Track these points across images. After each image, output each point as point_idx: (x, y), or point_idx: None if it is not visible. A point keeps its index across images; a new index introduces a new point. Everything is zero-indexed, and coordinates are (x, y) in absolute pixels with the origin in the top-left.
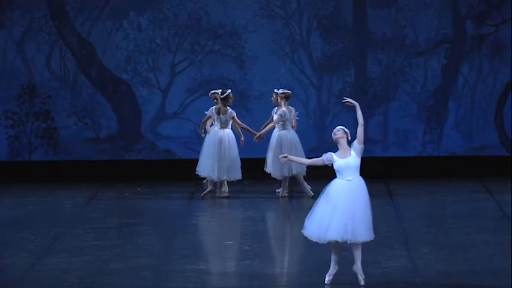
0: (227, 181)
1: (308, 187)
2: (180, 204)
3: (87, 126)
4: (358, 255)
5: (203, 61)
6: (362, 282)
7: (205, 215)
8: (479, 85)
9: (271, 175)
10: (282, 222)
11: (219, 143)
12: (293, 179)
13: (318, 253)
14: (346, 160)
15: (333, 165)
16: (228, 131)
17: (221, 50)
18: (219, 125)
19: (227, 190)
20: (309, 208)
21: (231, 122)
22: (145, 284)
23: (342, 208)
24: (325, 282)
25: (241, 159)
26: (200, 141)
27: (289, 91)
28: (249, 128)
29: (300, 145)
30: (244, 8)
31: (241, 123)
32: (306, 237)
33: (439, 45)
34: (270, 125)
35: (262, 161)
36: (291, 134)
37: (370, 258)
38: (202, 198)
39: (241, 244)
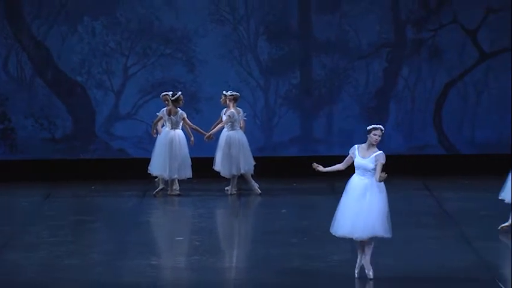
0: (178, 179)
1: (256, 185)
2: (132, 202)
3: (43, 127)
4: (367, 250)
5: (155, 64)
6: (370, 276)
7: (157, 212)
8: (418, 87)
9: (220, 174)
10: (230, 219)
11: (170, 143)
12: (241, 178)
13: (265, 248)
14: (365, 161)
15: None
16: (179, 131)
17: (172, 54)
18: (170, 125)
19: (178, 188)
20: (257, 205)
21: (181, 123)
22: (99, 279)
23: (355, 206)
24: (355, 275)
25: (191, 158)
26: (152, 141)
27: (237, 93)
28: (198, 128)
29: (248, 145)
30: (194, 13)
31: (191, 124)
32: (253, 233)
33: (380, 49)
34: (219, 126)
35: (212, 160)
36: (239, 135)
37: (315, 253)
38: (154, 196)
39: (191, 240)
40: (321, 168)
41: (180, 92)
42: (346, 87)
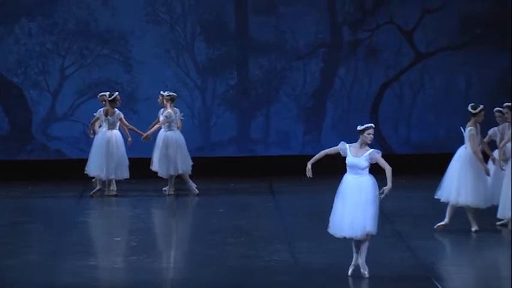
0: (115, 180)
1: (193, 185)
2: (70, 202)
3: None
4: (363, 249)
5: (92, 65)
6: (366, 275)
7: (94, 212)
8: (355, 87)
9: (158, 174)
10: (168, 219)
11: (107, 144)
12: (179, 178)
13: (202, 248)
14: (358, 159)
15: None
16: (116, 131)
17: (109, 54)
18: (107, 126)
19: (115, 189)
20: (194, 205)
21: (118, 123)
22: (37, 280)
23: (350, 205)
24: (348, 274)
25: (128, 158)
26: (89, 141)
27: (174, 93)
28: (135, 129)
29: (185, 145)
30: (131, 13)
31: (128, 124)
32: (191, 233)
33: (317, 50)
34: (156, 126)
35: (149, 160)
36: (176, 135)
37: (252, 253)
38: (92, 196)
39: (129, 240)
40: (310, 167)
41: (117, 93)
42: (284, 88)
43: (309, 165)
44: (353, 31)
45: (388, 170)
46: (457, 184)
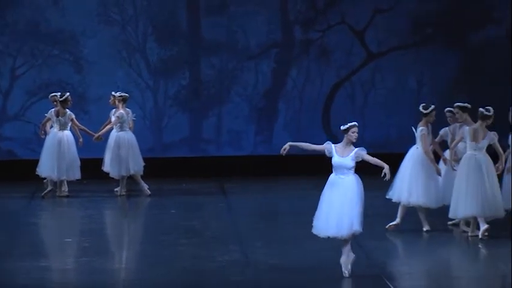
0: (67, 181)
1: (145, 186)
2: (21, 203)
3: None
4: (346, 249)
5: (43, 65)
6: (347, 275)
7: (45, 213)
8: (307, 87)
9: (110, 174)
10: (120, 220)
11: (58, 144)
12: (131, 178)
13: (154, 249)
14: (344, 160)
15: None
16: (67, 132)
17: (60, 55)
18: (58, 126)
19: (67, 189)
20: (146, 206)
21: (70, 124)
22: None
23: (337, 205)
24: (346, 275)
25: (80, 159)
26: (40, 142)
27: (126, 94)
28: (87, 129)
29: (137, 145)
30: (82, 14)
31: (79, 124)
32: (143, 234)
33: (269, 50)
34: (108, 127)
35: (101, 161)
36: (128, 135)
37: (205, 253)
38: (43, 197)
39: (80, 241)
40: (287, 146)
41: (68, 93)
42: (235, 88)
43: (288, 144)
44: (305, 31)
45: (375, 160)
46: (409, 184)
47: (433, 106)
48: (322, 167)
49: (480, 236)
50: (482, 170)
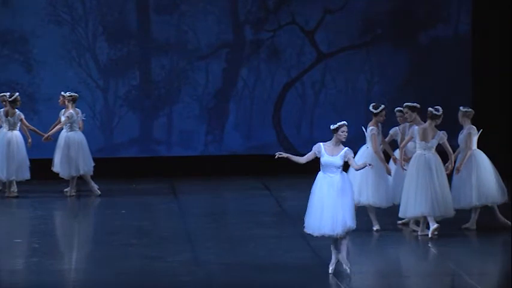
0: (16, 181)
1: (95, 186)
2: None
3: None
4: (343, 246)
5: None
6: (348, 271)
7: None
8: (257, 87)
9: (59, 175)
10: (70, 221)
11: (7, 145)
12: (81, 179)
13: (105, 249)
14: (333, 159)
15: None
16: (17, 132)
17: (9, 55)
18: (7, 127)
19: (16, 190)
20: (96, 206)
21: (19, 124)
22: None
23: (328, 204)
24: (329, 271)
25: (30, 159)
26: None
27: (76, 94)
28: (36, 129)
29: (87, 146)
30: (31, 14)
31: (29, 125)
32: (93, 234)
33: (219, 50)
34: (57, 127)
35: (50, 161)
36: (78, 135)
37: (155, 254)
38: None
39: (30, 242)
40: (284, 154)
41: (17, 93)
42: (186, 88)
43: (286, 155)
44: (255, 31)
45: (359, 166)
46: (359, 183)
47: (383, 106)
48: (271, 166)
49: (430, 235)
50: (431, 169)
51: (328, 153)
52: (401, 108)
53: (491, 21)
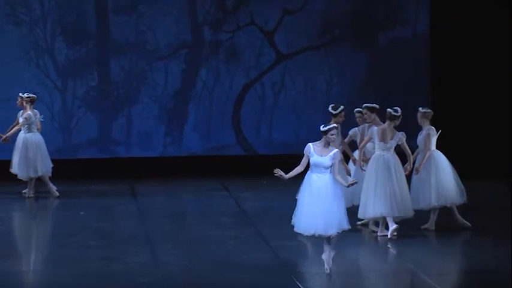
0: None
1: (53, 188)
2: None
3: None
4: (328, 246)
5: None
6: (328, 271)
7: None
8: (217, 88)
9: (18, 176)
10: (28, 222)
11: None
12: (39, 180)
13: (63, 251)
14: (322, 159)
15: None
16: None
17: None
18: None
19: None
20: (55, 208)
21: None
22: None
23: (318, 203)
24: (327, 271)
25: None
26: None
27: (34, 95)
28: None
29: (45, 147)
30: None
31: None
32: (51, 235)
33: (178, 50)
34: (15, 128)
35: (9, 162)
36: (36, 136)
37: (114, 255)
38: None
39: None
40: (283, 175)
41: None
42: (145, 89)
43: (286, 176)
44: (214, 32)
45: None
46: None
47: (342, 107)
48: (230, 167)
49: (389, 236)
50: (390, 170)
51: (318, 153)
52: (360, 109)
53: (449, 21)
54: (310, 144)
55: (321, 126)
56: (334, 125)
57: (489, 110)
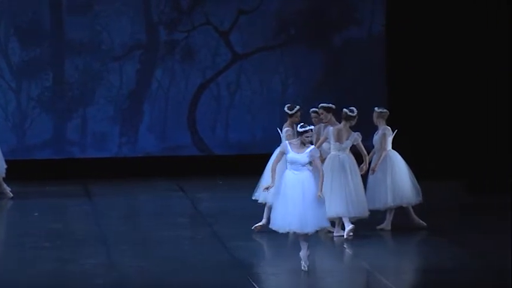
0: None
1: (7, 188)
2: None
3: None
4: (304, 243)
5: None
6: (305, 268)
7: None
8: (172, 88)
9: None
10: None
11: None
12: None
13: (17, 252)
14: (299, 156)
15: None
16: None
17: None
18: None
19: None
20: (9, 209)
21: None
22: None
23: (294, 200)
24: (303, 268)
25: None
26: None
27: None
28: None
29: None
30: None
31: None
32: (5, 236)
33: (133, 51)
34: None
35: None
36: None
37: (69, 256)
38: None
39: None
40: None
41: None
42: (100, 89)
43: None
44: (169, 32)
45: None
46: (275, 185)
47: (298, 107)
48: (186, 168)
49: (345, 236)
50: (346, 170)
51: (294, 150)
52: (316, 109)
53: (405, 21)
54: (286, 141)
55: (298, 127)
56: (311, 127)
57: (445, 110)
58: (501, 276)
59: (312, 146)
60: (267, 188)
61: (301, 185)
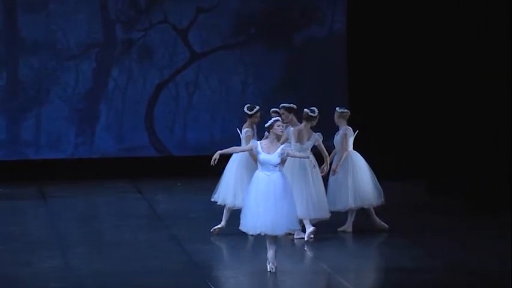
0: None
1: None
2: None
3: None
4: (274, 245)
5: None
6: (273, 270)
7: None
8: (129, 88)
9: None
10: None
11: None
12: None
13: None
14: (269, 156)
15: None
16: None
17: None
18: None
19: None
20: None
21: None
22: None
23: (265, 202)
24: (268, 270)
25: None
26: None
27: None
28: None
29: None
30: None
31: None
32: None
33: (89, 50)
34: None
35: None
36: None
37: (23, 259)
38: None
39: None
40: (217, 157)
41: None
42: (55, 89)
43: (218, 154)
44: (126, 30)
45: (300, 154)
46: (234, 187)
47: (257, 107)
48: (143, 169)
49: (306, 239)
50: (306, 171)
51: (265, 151)
52: (276, 109)
53: (366, 20)
54: (257, 141)
55: (266, 124)
56: (278, 117)
57: (406, 110)
58: (461, 275)
59: (282, 145)
60: (214, 160)
61: (273, 186)
